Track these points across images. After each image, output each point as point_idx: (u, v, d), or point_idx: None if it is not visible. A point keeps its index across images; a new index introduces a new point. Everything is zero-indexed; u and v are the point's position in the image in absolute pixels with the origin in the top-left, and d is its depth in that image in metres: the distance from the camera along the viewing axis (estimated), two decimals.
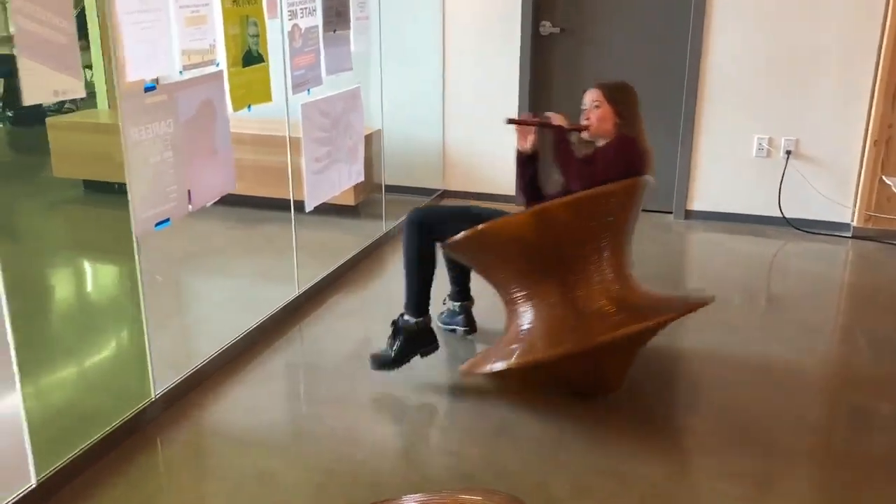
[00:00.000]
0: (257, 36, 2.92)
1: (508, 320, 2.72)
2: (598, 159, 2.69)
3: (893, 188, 3.83)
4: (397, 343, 2.81)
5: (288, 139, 3.38)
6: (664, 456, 2.40)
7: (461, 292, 3.16)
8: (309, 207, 3.43)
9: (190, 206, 2.67)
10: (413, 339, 2.82)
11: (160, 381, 2.62)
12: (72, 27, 2.08)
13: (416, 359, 2.82)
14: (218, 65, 2.74)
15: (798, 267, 4.18)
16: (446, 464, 2.38)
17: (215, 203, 2.82)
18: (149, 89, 2.40)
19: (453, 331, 3.19)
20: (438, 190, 5.17)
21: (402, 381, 2.82)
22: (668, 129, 4.61)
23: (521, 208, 2.77)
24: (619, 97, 2.75)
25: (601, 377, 2.66)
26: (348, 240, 4.34)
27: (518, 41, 4.79)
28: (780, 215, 4.58)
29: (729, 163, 4.63)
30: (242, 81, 2.86)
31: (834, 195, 4.51)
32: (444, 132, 5.09)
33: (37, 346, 2.99)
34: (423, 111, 5.04)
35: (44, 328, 3.31)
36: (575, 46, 4.78)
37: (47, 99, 2.07)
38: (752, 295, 3.80)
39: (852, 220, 4.48)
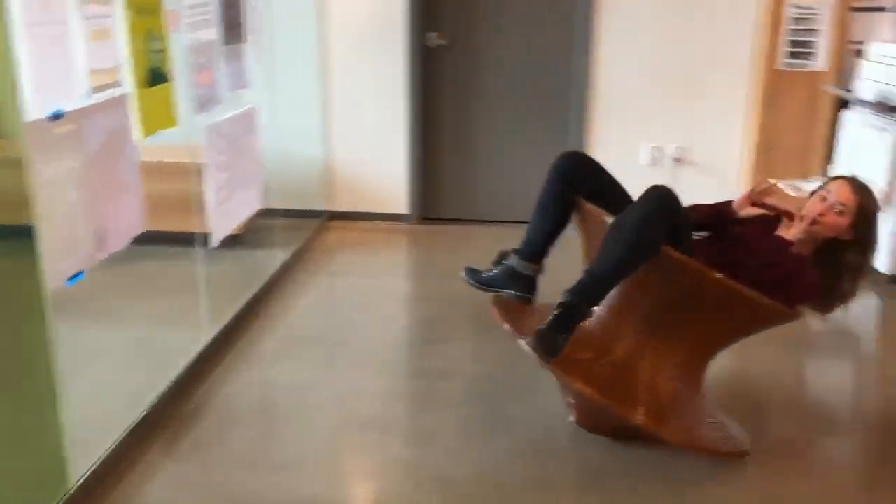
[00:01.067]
0: (162, 51, 2.53)
1: None
2: (787, 264, 2.37)
3: (783, 189, 3.99)
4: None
5: (193, 166, 2.99)
6: None
7: (539, 254, 2.64)
8: (215, 242, 3.05)
9: (101, 254, 2.25)
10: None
11: (77, 465, 2.18)
12: None
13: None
14: (123, 86, 2.34)
15: None
16: None
17: None
18: (56, 117, 1.99)
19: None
20: (324, 212, 4.85)
21: (348, 432, 2.54)
22: (558, 141, 4.58)
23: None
24: (869, 220, 2.38)
25: (581, 409, 2.56)
26: (242, 274, 3.94)
27: (402, 53, 4.58)
28: None
29: (618, 172, 4.66)
30: (150, 104, 2.47)
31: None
32: (328, 150, 4.79)
33: None
34: (302, 127, 4.69)
35: None
36: (463, 59, 4.64)
37: None
38: None
39: None
